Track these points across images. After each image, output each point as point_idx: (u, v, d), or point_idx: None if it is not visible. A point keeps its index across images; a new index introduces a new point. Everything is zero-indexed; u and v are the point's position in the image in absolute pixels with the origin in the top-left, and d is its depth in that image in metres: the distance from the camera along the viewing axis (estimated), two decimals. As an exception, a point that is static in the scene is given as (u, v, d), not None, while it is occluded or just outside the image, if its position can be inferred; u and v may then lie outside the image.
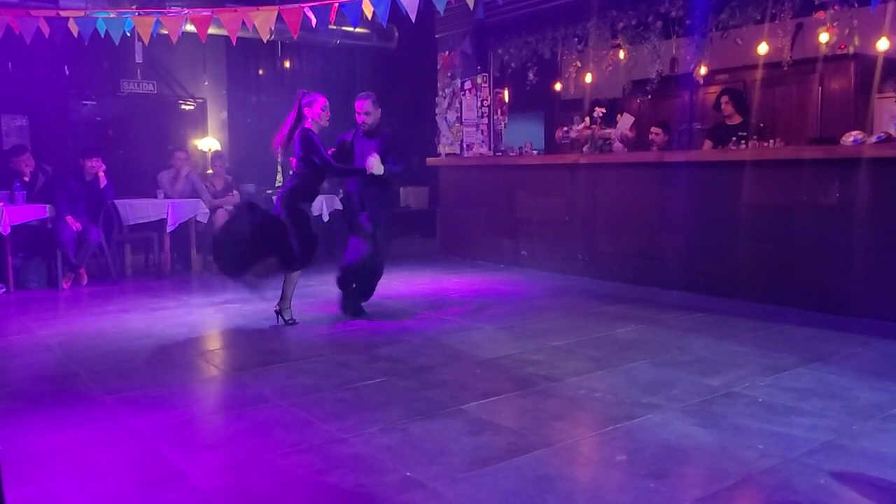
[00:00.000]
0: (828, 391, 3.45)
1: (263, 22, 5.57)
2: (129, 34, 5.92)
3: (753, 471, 2.58)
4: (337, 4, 5.70)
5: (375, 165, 4.91)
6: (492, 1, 6.12)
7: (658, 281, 6.26)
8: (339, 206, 8.32)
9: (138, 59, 8.46)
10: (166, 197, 7.54)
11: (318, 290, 6.46)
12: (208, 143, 9.53)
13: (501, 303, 5.86)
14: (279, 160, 10.21)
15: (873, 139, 5.18)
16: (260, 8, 5.67)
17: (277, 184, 9.62)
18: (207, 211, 7.68)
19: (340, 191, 8.71)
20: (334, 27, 8.26)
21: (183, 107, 9.69)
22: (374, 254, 5.23)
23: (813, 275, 5.30)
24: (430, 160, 8.99)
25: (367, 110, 5.13)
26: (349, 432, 2.99)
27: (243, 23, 5.68)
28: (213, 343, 4.90)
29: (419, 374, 3.83)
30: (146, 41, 5.78)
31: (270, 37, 6.16)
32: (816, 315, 5.09)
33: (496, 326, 4.96)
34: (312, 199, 5.13)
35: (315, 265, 7.91)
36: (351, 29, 8.60)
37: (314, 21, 5.71)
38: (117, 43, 5.89)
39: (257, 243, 4.77)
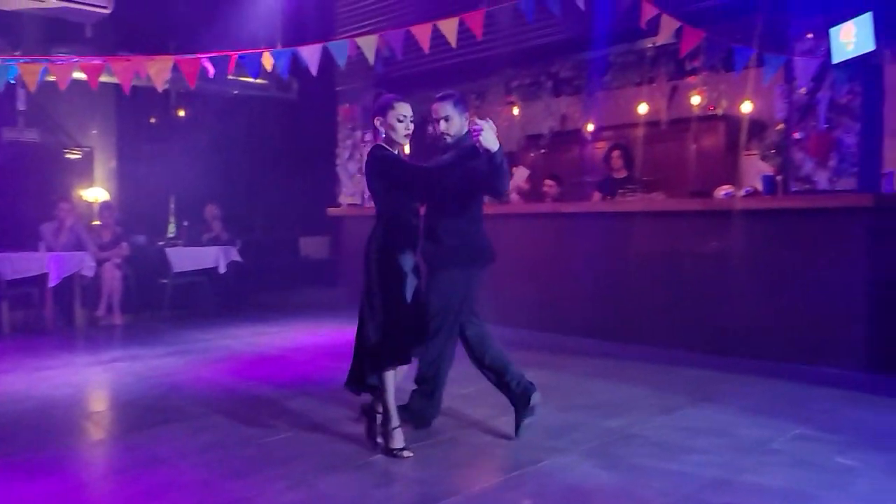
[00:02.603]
0: (716, 429, 3.68)
1: (159, 72, 5.47)
2: (13, 81, 5.63)
3: (652, 508, 2.71)
4: (236, 56, 5.70)
5: (488, 135, 3.12)
6: (391, 57, 6.29)
7: (560, 327, 6.47)
8: (238, 258, 8.14)
9: (21, 106, 8.04)
10: (49, 250, 7.12)
11: (216, 345, 6.25)
12: (95, 193, 9.11)
13: (405, 352, 5.86)
14: (171, 209, 9.89)
15: (742, 193, 5.67)
16: (155, 58, 5.57)
17: (169, 235, 9.31)
18: (93, 264, 7.30)
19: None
20: (232, 77, 8.22)
21: (68, 156, 9.23)
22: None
23: (699, 319, 5.65)
24: (330, 210, 8.98)
25: (445, 114, 3.56)
26: (253, 490, 2.89)
27: (137, 73, 5.55)
28: (102, 404, 4.63)
29: (326, 428, 3.76)
30: (32, 89, 5.52)
31: (165, 86, 6.05)
32: (705, 357, 5.41)
33: (401, 377, 4.94)
34: (412, 248, 3.41)
35: (215, 318, 7.74)
36: (250, 79, 8.55)
37: (212, 72, 5.66)
38: (1, 90, 5.59)
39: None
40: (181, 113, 10.07)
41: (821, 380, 4.68)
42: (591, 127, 8.40)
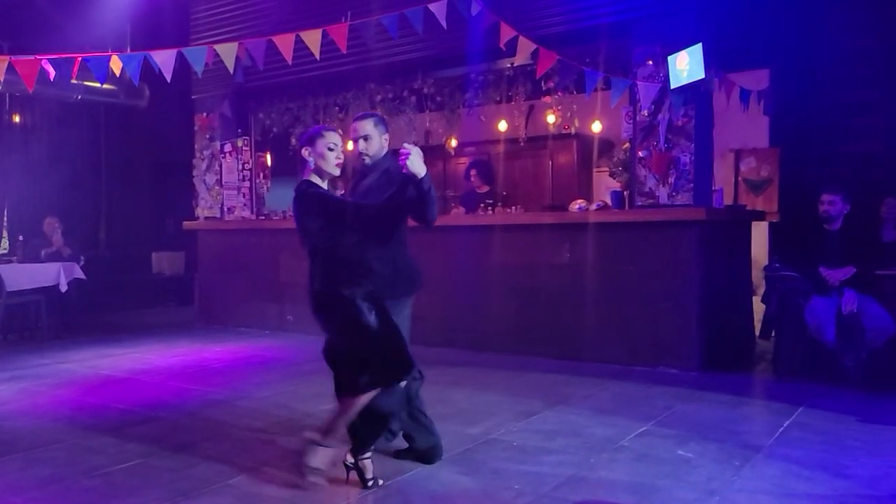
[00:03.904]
0: (570, 430, 3.86)
1: (-9, 72, 5.00)
2: None
3: (512, 509, 2.80)
4: (80, 58, 5.33)
5: (415, 160, 2.99)
6: (252, 66, 6.13)
7: (421, 339, 6.46)
8: (81, 275, 7.56)
9: None
10: None
11: (55, 369, 5.76)
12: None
13: (268, 370, 5.71)
14: (5, 224, 9.06)
15: (594, 207, 6.02)
16: (-14, 57, 5.09)
17: (2, 250, 8.53)
18: None
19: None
20: (76, 81, 7.66)
21: None
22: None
23: (553, 326, 5.92)
24: (186, 224, 8.57)
25: (365, 133, 3.38)
26: (99, 524, 2.70)
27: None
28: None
29: (180, 452, 3.57)
30: None
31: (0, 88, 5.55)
32: (558, 362, 5.66)
33: (264, 394, 4.81)
34: (357, 278, 3.16)
35: (54, 341, 7.12)
36: (95, 84, 8.01)
37: (53, 74, 5.26)
38: None
39: None
40: (16, 118, 9.25)
41: (660, 380, 5.05)
42: (454, 143, 8.61)
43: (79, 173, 9.58)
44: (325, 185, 3.21)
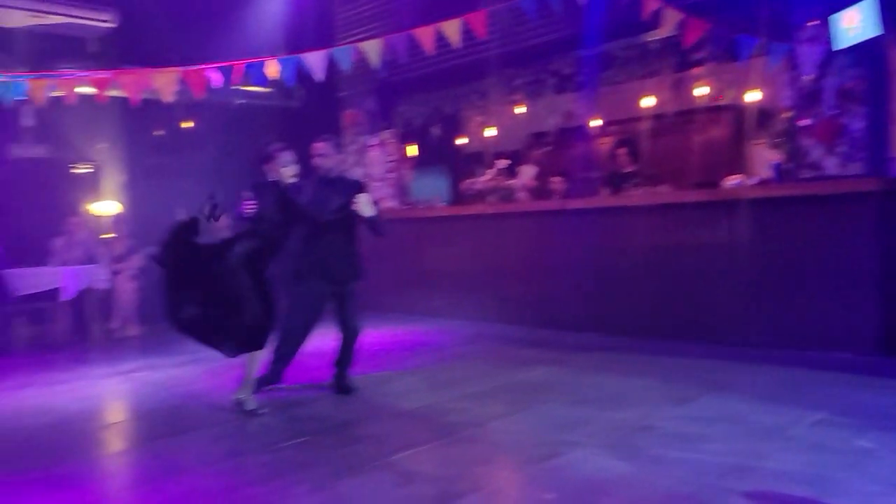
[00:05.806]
0: (731, 417, 3.67)
1: (166, 84, 5.52)
2: (20, 97, 5.69)
3: (673, 498, 2.71)
4: (243, 65, 5.75)
5: (363, 206, 4.38)
6: (393, 60, 6.32)
7: (565, 323, 6.46)
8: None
9: (28, 122, 8.10)
10: (61, 264, 7.17)
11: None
12: (105, 206, 9.17)
13: (417, 354, 5.89)
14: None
15: (753, 181, 5.65)
16: (161, 70, 5.63)
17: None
18: (107, 277, 7.35)
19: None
20: (235, 87, 8.25)
21: (77, 170, 9.30)
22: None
23: (704, 310, 5.63)
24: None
25: (321, 152, 4.57)
26: (276, 495, 2.92)
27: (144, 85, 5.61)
28: (120, 415, 4.67)
29: (342, 430, 3.79)
30: (40, 104, 5.59)
31: (173, 98, 6.10)
32: (710, 347, 5.37)
33: (415, 377, 4.97)
34: (270, 260, 4.30)
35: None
36: (255, 89, 8.60)
37: (218, 81, 5.72)
38: (7, 107, 5.66)
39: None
40: (188, 125, 10.11)
41: (831, 366, 4.67)
42: (596, 122, 8.40)
43: (241, 174, 10.29)
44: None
